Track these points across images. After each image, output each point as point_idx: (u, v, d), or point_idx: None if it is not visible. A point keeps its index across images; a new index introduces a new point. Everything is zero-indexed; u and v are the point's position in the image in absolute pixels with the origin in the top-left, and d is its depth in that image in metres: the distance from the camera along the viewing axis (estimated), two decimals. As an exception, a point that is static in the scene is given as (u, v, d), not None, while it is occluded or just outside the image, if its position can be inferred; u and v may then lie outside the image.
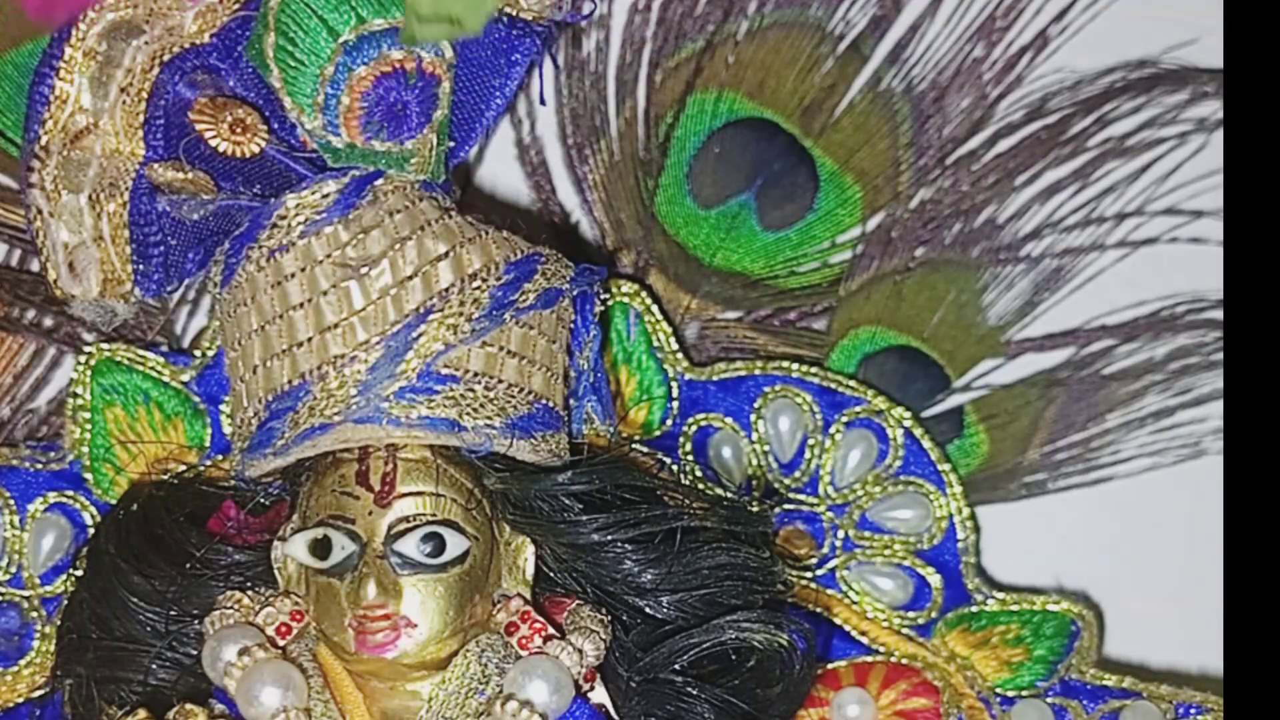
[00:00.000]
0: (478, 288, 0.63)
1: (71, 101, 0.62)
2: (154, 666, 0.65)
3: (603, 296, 0.67)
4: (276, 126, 0.63)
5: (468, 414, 0.62)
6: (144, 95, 0.63)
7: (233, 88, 0.62)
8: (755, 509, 0.68)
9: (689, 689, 0.64)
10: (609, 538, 0.64)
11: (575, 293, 0.65)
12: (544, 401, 0.64)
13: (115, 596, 0.65)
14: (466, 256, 0.63)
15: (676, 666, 0.64)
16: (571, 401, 0.67)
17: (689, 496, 0.66)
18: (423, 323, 0.62)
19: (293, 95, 0.62)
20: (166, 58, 0.63)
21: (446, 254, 0.62)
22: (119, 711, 0.65)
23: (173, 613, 0.65)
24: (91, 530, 0.70)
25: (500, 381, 0.63)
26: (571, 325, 0.66)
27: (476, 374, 0.63)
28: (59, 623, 0.68)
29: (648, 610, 0.65)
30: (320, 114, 0.62)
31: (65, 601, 0.69)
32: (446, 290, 0.62)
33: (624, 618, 0.65)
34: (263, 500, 0.66)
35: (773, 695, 0.65)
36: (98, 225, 0.63)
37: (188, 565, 0.65)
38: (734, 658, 0.65)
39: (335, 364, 0.62)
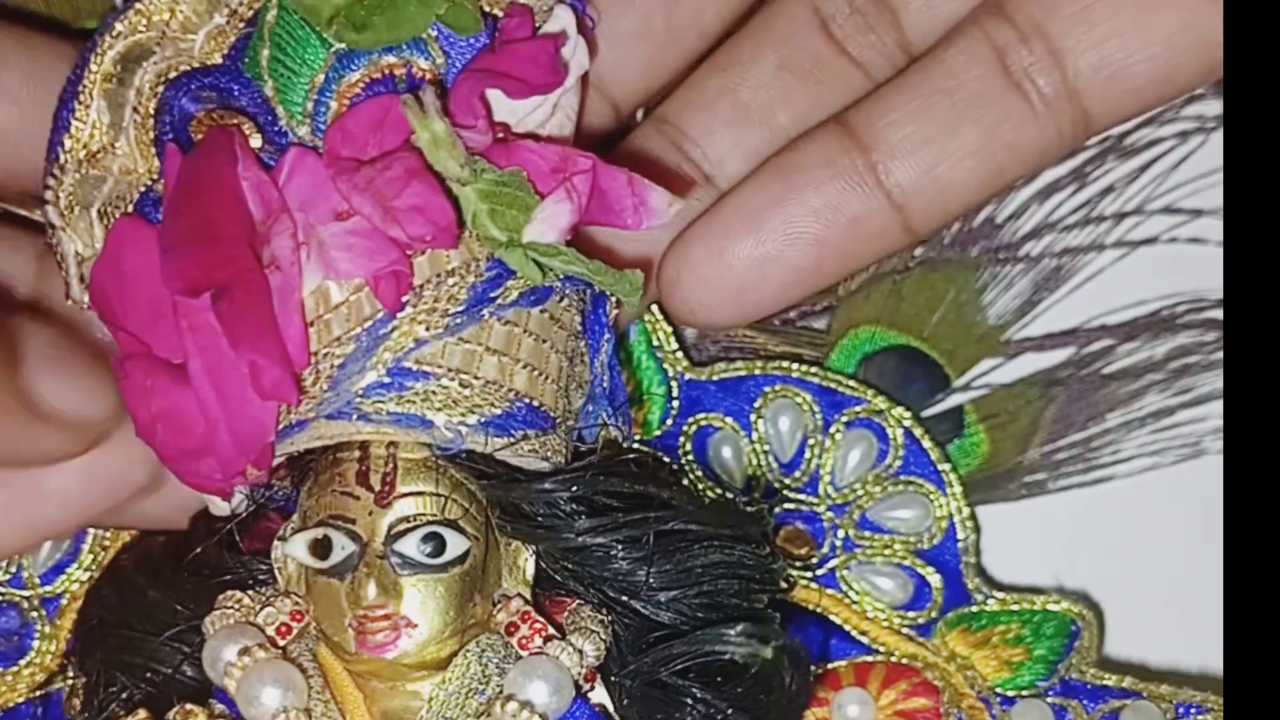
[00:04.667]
0: (455, 284, 0.62)
1: (90, 125, 0.63)
2: (173, 651, 0.65)
3: (615, 299, 0.66)
4: (272, 137, 0.63)
5: (438, 410, 0.62)
6: (150, 112, 0.63)
7: (240, 103, 0.62)
8: (749, 508, 0.68)
9: (678, 696, 0.64)
10: (595, 540, 0.63)
11: (573, 293, 0.65)
12: (526, 400, 0.63)
13: (135, 597, 0.66)
14: (444, 253, 0.62)
15: (665, 673, 0.64)
16: (589, 406, 0.66)
17: (679, 498, 0.66)
18: (394, 318, 0.62)
19: (284, 104, 0.62)
20: (172, 75, 0.63)
21: (423, 250, 0.62)
22: (125, 700, 0.65)
23: (189, 611, 0.65)
24: (91, 529, 0.70)
25: (477, 379, 0.62)
26: (578, 329, 0.65)
27: (451, 370, 0.62)
28: (81, 607, 0.68)
29: (644, 611, 0.65)
30: (309, 121, 0.62)
31: (89, 588, 0.69)
32: (421, 286, 0.62)
33: (625, 619, 0.65)
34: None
35: (769, 704, 0.65)
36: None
37: (215, 578, 0.65)
38: (725, 668, 0.65)
39: (312, 361, 0.62)
